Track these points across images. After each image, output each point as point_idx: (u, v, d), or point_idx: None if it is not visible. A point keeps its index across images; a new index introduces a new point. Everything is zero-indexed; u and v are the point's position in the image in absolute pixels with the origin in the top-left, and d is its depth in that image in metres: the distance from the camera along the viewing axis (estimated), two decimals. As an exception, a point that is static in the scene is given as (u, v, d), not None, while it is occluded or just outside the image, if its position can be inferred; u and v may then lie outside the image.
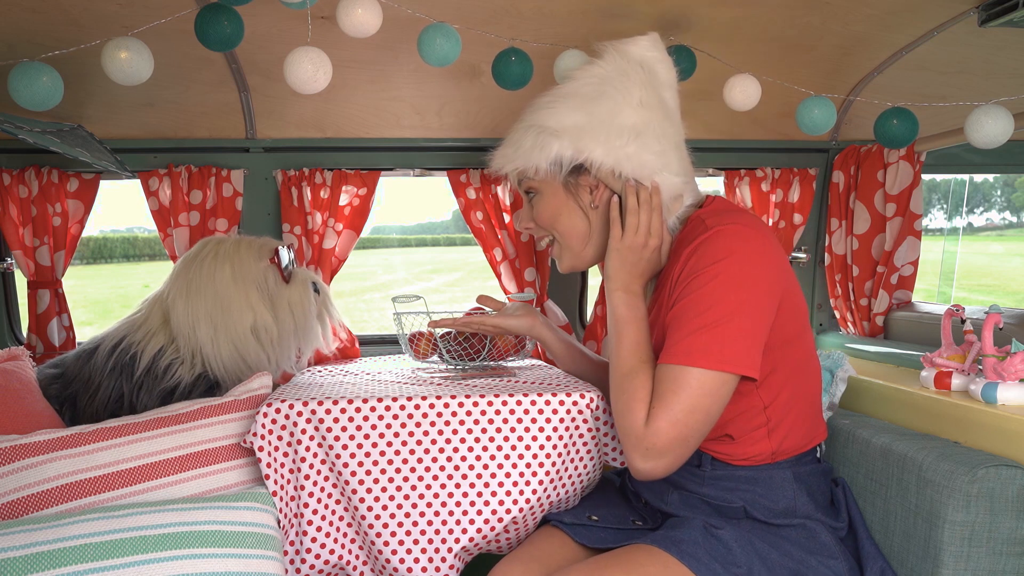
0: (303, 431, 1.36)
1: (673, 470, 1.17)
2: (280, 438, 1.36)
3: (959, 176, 4.35)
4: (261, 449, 1.35)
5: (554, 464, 1.38)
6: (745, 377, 1.18)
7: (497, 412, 1.39)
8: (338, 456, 1.36)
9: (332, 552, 1.38)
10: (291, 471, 1.37)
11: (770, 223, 2.21)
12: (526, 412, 1.39)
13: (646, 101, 1.29)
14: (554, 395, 1.40)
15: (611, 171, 1.27)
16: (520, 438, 1.38)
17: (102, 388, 1.60)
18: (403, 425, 1.37)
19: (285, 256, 1.74)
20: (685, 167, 1.32)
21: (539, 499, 1.38)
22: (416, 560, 1.36)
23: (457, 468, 1.38)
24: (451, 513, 1.37)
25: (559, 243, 1.38)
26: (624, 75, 1.30)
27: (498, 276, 2.17)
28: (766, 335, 1.18)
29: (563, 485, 1.41)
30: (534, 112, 1.33)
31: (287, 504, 1.36)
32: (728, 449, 1.28)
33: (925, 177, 2.18)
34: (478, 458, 1.38)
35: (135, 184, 2.04)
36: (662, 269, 1.33)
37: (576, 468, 1.42)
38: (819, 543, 1.25)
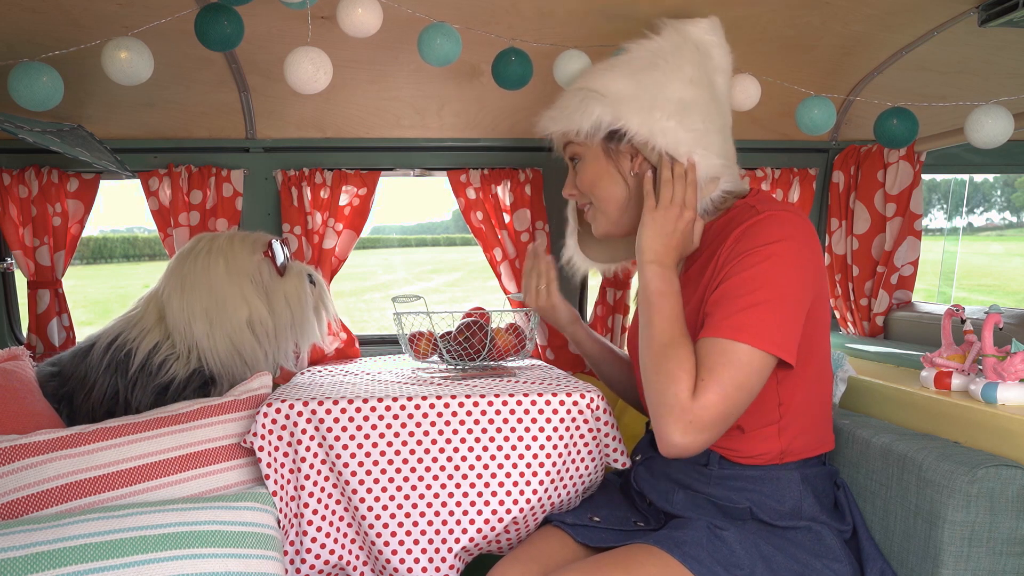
0: (303, 431, 1.36)
1: (704, 448, 1.13)
2: (280, 438, 1.36)
3: (959, 176, 4.35)
4: (261, 449, 1.35)
5: (554, 464, 1.38)
6: (781, 365, 1.18)
7: (497, 412, 1.39)
8: (338, 456, 1.36)
9: (332, 552, 1.38)
10: (291, 471, 1.37)
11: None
12: (526, 412, 1.39)
13: (696, 79, 1.30)
14: (554, 395, 1.40)
15: (645, 142, 1.27)
16: (520, 438, 1.38)
17: (97, 385, 1.60)
18: (403, 425, 1.37)
19: (279, 250, 1.74)
20: (727, 151, 1.32)
21: (539, 499, 1.38)
22: (416, 560, 1.36)
23: (457, 468, 1.38)
24: (451, 513, 1.37)
25: (595, 207, 1.39)
26: (678, 51, 1.32)
27: (498, 276, 2.17)
28: (803, 325, 1.18)
29: (564, 486, 1.41)
30: (585, 76, 1.37)
31: (287, 504, 1.36)
32: (737, 444, 1.27)
33: (925, 177, 2.18)
34: (478, 458, 1.38)
35: (135, 184, 2.04)
36: (695, 251, 1.32)
37: (577, 469, 1.42)
38: (825, 546, 1.24)
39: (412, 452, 1.37)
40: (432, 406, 1.38)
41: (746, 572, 1.16)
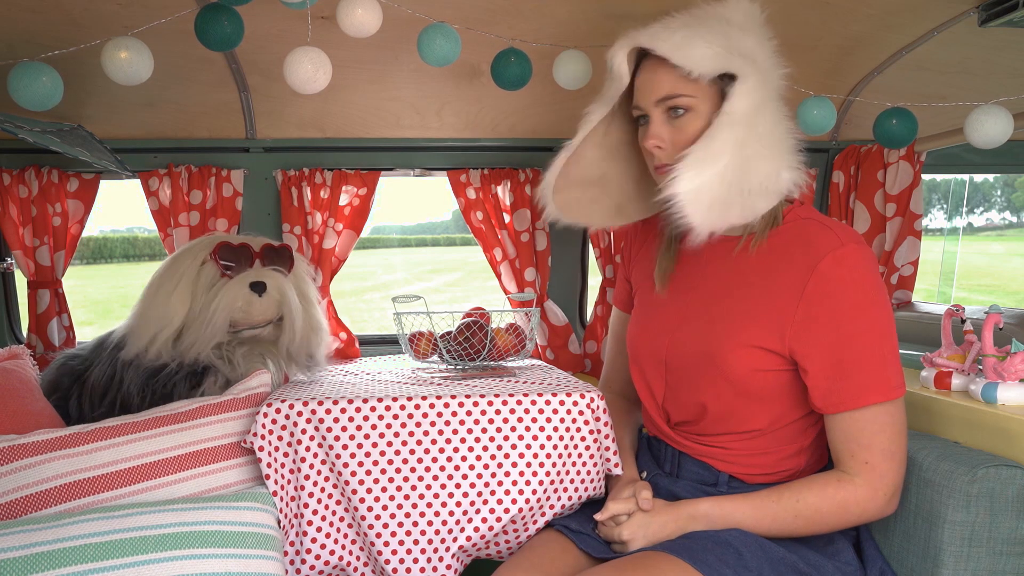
0: (303, 431, 1.36)
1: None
2: (280, 438, 1.36)
3: (959, 176, 4.35)
4: (261, 449, 1.35)
5: (554, 465, 1.38)
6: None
7: (497, 412, 1.39)
8: (338, 456, 1.36)
9: (332, 552, 1.38)
10: (291, 471, 1.37)
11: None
12: (526, 412, 1.39)
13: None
14: (554, 395, 1.40)
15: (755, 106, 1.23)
16: (520, 437, 1.38)
17: (100, 366, 1.63)
18: (403, 425, 1.37)
19: (233, 253, 1.60)
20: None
21: (539, 500, 1.37)
22: (415, 560, 1.36)
23: (457, 468, 1.38)
24: (451, 513, 1.37)
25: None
26: (759, 20, 1.28)
27: (498, 276, 2.17)
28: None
29: (564, 489, 1.41)
30: (705, 21, 1.24)
31: (287, 504, 1.36)
32: (755, 461, 1.30)
33: (925, 177, 2.18)
34: (478, 458, 1.38)
35: (135, 184, 2.04)
36: (764, 238, 1.28)
37: (579, 472, 1.41)
38: (836, 548, 1.25)
39: (412, 452, 1.37)
40: (432, 406, 1.38)
41: (754, 574, 1.16)
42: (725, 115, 1.18)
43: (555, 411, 1.39)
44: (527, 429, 1.38)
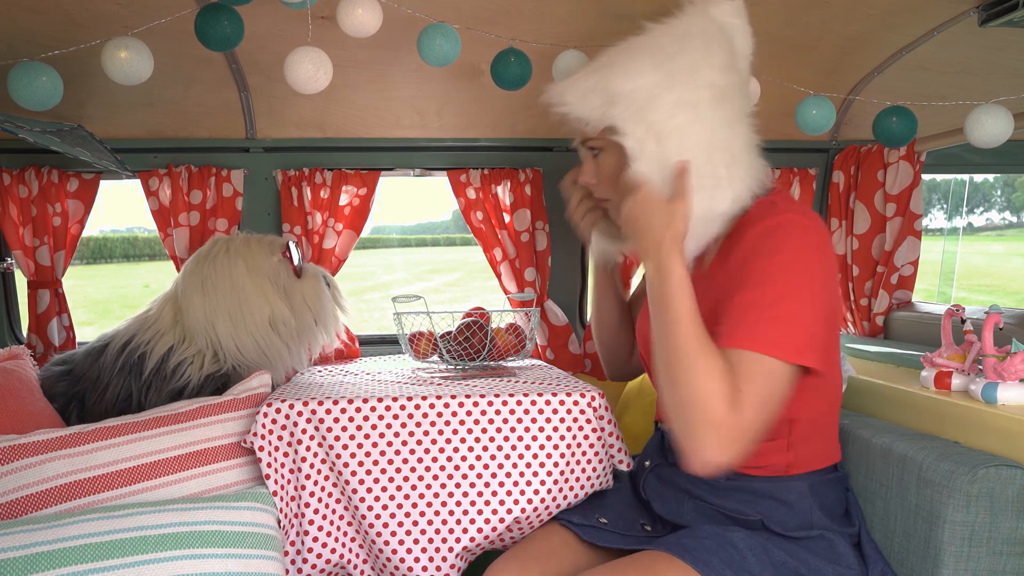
0: (303, 431, 1.36)
1: (740, 460, 1.10)
2: (280, 438, 1.37)
3: (959, 176, 4.35)
4: (261, 449, 1.35)
5: (556, 465, 1.38)
6: (805, 372, 1.15)
7: (497, 412, 1.39)
8: (338, 456, 1.36)
9: (333, 552, 1.38)
10: (291, 471, 1.37)
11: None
12: (526, 412, 1.39)
13: (726, 66, 1.25)
14: (554, 395, 1.40)
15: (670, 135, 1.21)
16: (520, 438, 1.38)
17: (111, 387, 1.60)
18: (403, 425, 1.37)
19: (295, 251, 1.76)
20: (750, 141, 1.28)
21: (543, 500, 1.37)
22: (416, 560, 1.36)
23: (457, 468, 1.38)
24: (451, 513, 1.37)
25: (616, 203, 1.31)
26: (706, 34, 1.24)
27: (498, 276, 2.17)
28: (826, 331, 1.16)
29: (571, 488, 1.40)
30: (603, 68, 1.25)
31: (287, 504, 1.36)
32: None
33: (925, 177, 2.18)
34: (478, 458, 1.38)
35: (135, 184, 2.04)
36: (720, 245, 1.26)
37: (584, 470, 1.41)
38: (837, 553, 1.24)
39: (412, 452, 1.37)
40: (432, 406, 1.38)
41: None
42: (628, 158, 1.20)
43: (555, 411, 1.39)
44: (527, 429, 1.39)
